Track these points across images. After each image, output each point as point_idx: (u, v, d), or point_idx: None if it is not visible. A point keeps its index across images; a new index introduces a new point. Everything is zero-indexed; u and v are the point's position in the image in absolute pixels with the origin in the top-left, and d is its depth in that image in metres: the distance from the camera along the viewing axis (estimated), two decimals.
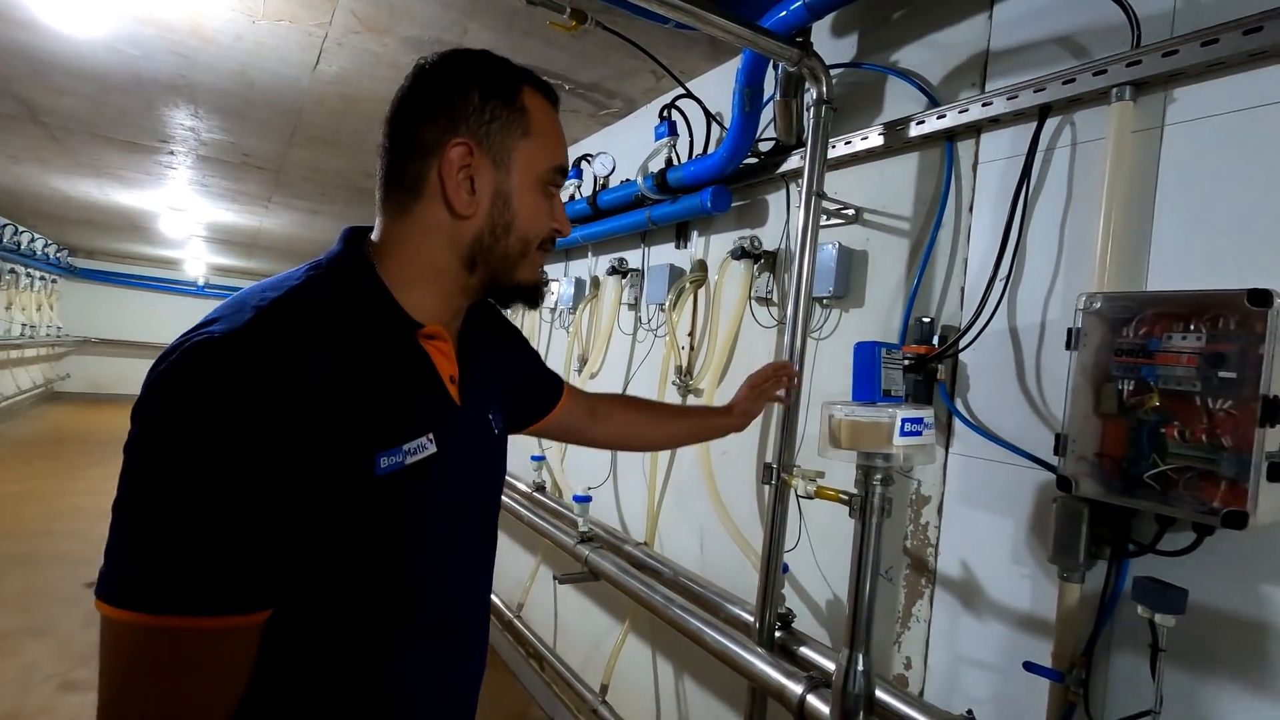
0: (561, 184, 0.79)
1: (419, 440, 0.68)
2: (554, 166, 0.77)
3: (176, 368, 0.56)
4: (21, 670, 2.72)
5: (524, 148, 0.74)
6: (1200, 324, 0.86)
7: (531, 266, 0.78)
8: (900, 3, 1.47)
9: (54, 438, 7.48)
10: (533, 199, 0.75)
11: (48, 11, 2.08)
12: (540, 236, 0.77)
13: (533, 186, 0.75)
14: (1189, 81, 1.00)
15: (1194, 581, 0.92)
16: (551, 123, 0.78)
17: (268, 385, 0.56)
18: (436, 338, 0.74)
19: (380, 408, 0.65)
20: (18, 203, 6.15)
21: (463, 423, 0.76)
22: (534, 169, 0.75)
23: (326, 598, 0.63)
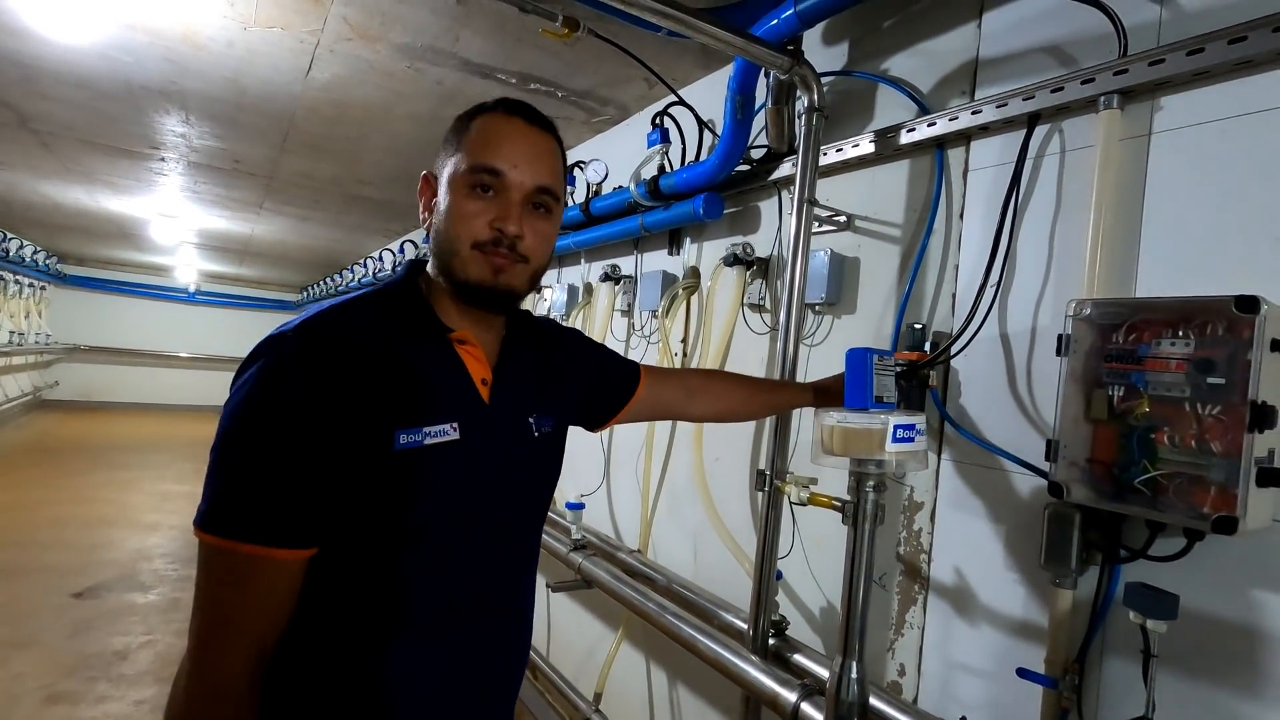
0: (495, 185, 0.80)
1: (441, 426, 0.78)
2: (469, 165, 0.80)
3: (254, 353, 0.74)
4: (7, 682, 2.68)
5: (454, 162, 0.82)
6: (1189, 330, 0.87)
7: (472, 265, 0.80)
8: (890, 11, 1.48)
9: (41, 446, 7.40)
10: (455, 200, 0.80)
11: (39, 19, 2.07)
12: (465, 234, 0.80)
13: (455, 188, 0.81)
14: (1176, 90, 1.01)
15: (1185, 587, 0.92)
16: (486, 129, 0.82)
17: (309, 370, 0.71)
18: (466, 342, 0.84)
19: (404, 393, 0.76)
20: (8, 209, 6.10)
21: (492, 420, 0.84)
22: (456, 175, 0.81)
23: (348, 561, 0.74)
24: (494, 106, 0.84)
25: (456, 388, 0.82)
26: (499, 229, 0.80)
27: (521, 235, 0.81)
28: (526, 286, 0.86)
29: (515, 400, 0.89)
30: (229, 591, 0.71)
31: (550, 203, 0.85)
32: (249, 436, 0.70)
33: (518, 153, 0.81)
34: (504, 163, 0.80)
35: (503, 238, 0.80)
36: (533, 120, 0.84)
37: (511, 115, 0.83)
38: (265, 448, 0.70)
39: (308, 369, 0.72)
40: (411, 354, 0.79)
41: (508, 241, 0.80)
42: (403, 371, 0.78)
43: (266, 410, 0.70)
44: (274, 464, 0.70)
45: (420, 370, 0.79)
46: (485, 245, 0.80)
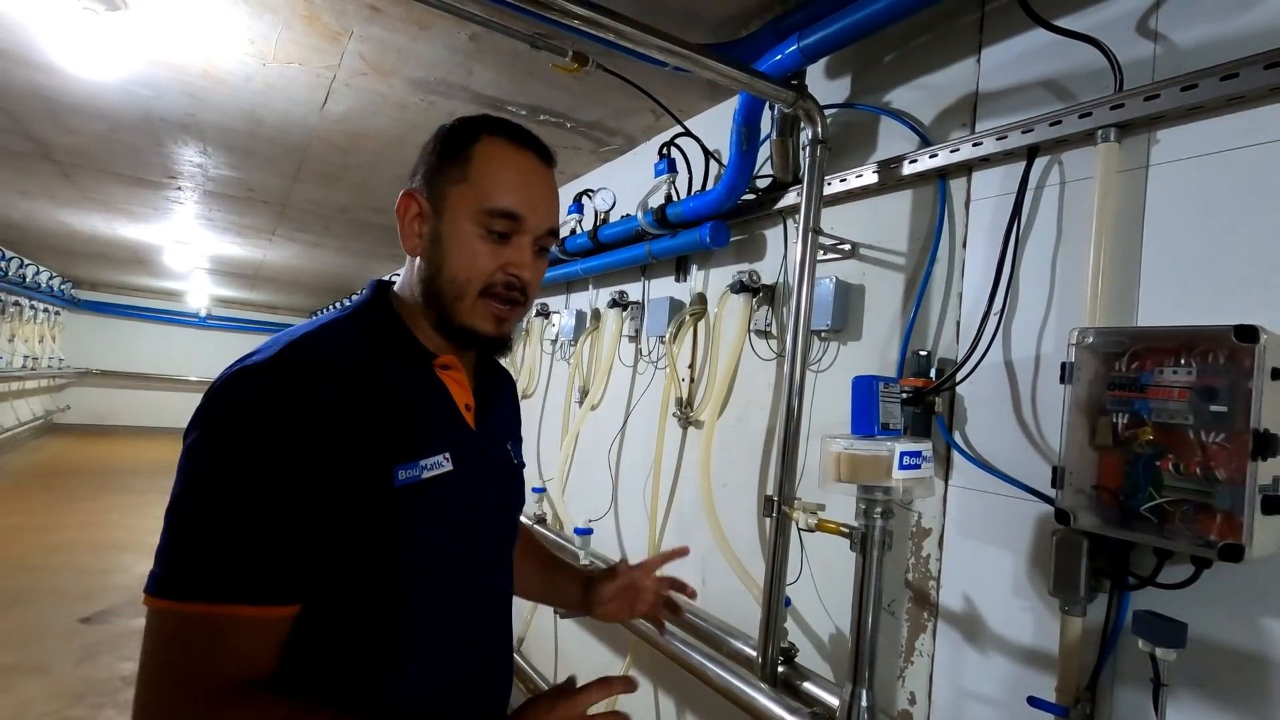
0: (512, 230, 0.77)
1: (435, 458, 0.74)
2: (487, 209, 0.76)
3: (220, 390, 0.67)
4: (15, 707, 2.68)
5: (458, 192, 0.77)
6: (1190, 359, 0.88)
7: (477, 314, 0.77)
8: (891, 47, 1.52)
9: (52, 470, 7.45)
10: (464, 241, 0.76)
11: (68, 56, 2.14)
12: (476, 279, 0.76)
13: (464, 228, 0.76)
14: (1171, 124, 1.03)
15: (1194, 614, 0.92)
16: (499, 167, 0.78)
17: (294, 404, 0.65)
18: (451, 368, 0.81)
19: (398, 426, 0.72)
20: (24, 236, 6.22)
21: (479, 447, 0.81)
22: (465, 210, 0.76)
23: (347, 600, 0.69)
24: (497, 130, 0.80)
25: (445, 415, 0.79)
26: (514, 275, 0.77)
27: (531, 281, 0.79)
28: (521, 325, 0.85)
29: (496, 426, 0.88)
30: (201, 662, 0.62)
31: (551, 243, 0.83)
32: (226, 486, 0.63)
33: (537, 197, 0.79)
34: (525, 208, 0.77)
35: (515, 283, 0.78)
36: (542, 156, 0.82)
37: (522, 149, 0.80)
38: (247, 497, 0.63)
39: (290, 405, 0.65)
40: (398, 382, 0.75)
41: (519, 286, 0.78)
42: (393, 402, 0.73)
43: (245, 454, 0.63)
44: (259, 515, 0.63)
45: (409, 399, 0.75)
46: (494, 290, 0.77)
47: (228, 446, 0.64)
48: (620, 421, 2.42)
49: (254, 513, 0.63)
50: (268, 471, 0.63)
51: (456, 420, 0.80)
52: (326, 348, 0.72)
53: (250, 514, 0.63)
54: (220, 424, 0.65)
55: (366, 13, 1.74)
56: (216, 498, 0.63)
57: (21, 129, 2.93)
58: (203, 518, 0.63)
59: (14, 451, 8.20)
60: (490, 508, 0.83)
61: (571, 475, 2.71)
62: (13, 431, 8.21)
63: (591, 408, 2.59)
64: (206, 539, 0.62)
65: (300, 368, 0.68)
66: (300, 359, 0.69)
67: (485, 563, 0.83)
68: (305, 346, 0.71)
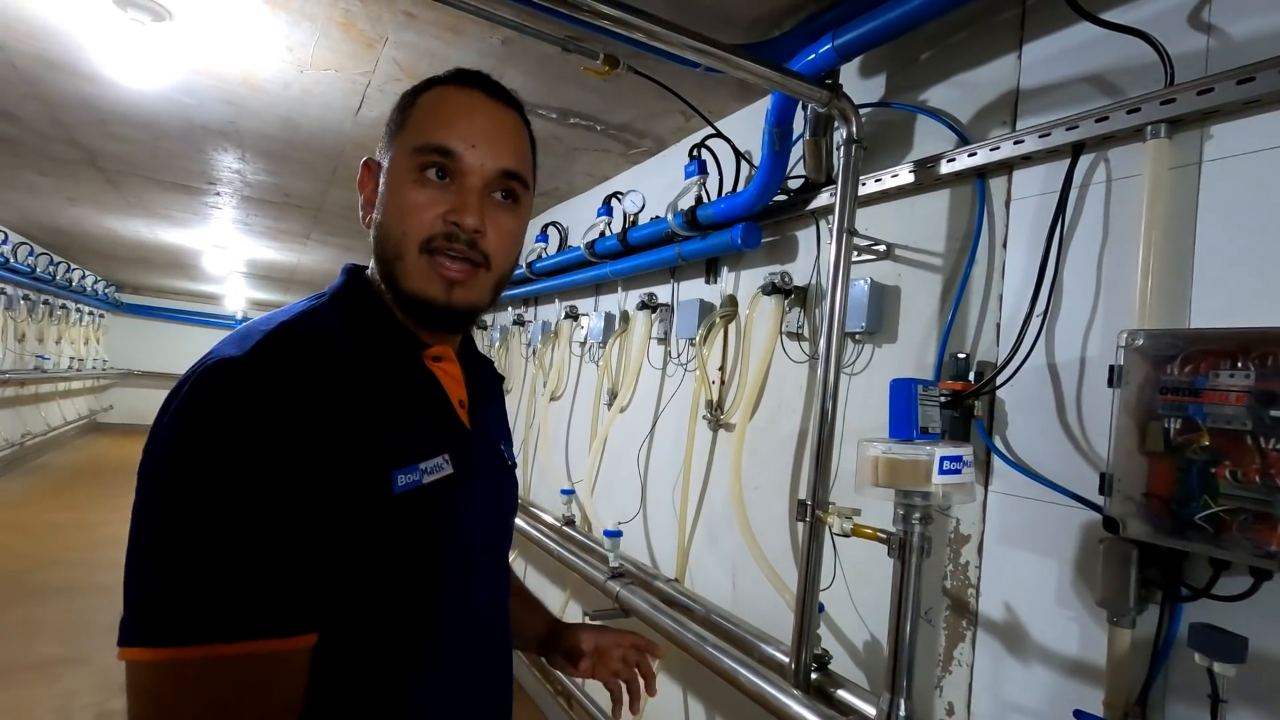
0: (450, 167, 0.67)
1: (435, 460, 0.67)
2: (416, 145, 0.66)
3: (195, 392, 0.56)
4: (61, 698, 2.76)
5: (399, 140, 0.69)
6: (1248, 362, 0.85)
7: (420, 275, 0.66)
8: (928, 44, 1.50)
9: (96, 468, 7.69)
10: (398, 189, 0.66)
11: (113, 66, 2.21)
12: (412, 231, 0.66)
13: (402, 176, 0.67)
14: (1226, 119, 1.00)
15: (1254, 628, 0.89)
16: (436, 106, 0.68)
17: (279, 404, 0.56)
18: (443, 359, 0.73)
19: (393, 427, 0.64)
20: (72, 241, 6.44)
21: (475, 447, 0.75)
22: (400, 159, 0.67)
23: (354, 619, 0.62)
24: (446, 79, 0.71)
25: (441, 413, 0.72)
26: (454, 222, 0.66)
27: (481, 230, 0.67)
28: (489, 298, 0.72)
29: (489, 425, 0.81)
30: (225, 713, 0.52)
31: (518, 190, 0.71)
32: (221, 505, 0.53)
33: (476, 129, 0.67)
34: (459, 141, 0.66)
35: (459, 232, 0.66)
36: (494, 93, 0.71)
37: (468, 86, 0.70)
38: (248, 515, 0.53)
39: (278, 404, 0.56)
40: (388, 376, 0.67)
41: (465, 237, 0.66)
42: (386, 398, 0.65)
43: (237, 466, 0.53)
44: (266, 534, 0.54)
45: (402, 395, 0.67)
46: (435, 242, 0.66)
47: (214, 458, 0.53)
48: (649, 424, 2.42)
49: (260, 532, 0.53)
50: (265, 483, 0.54)
51: (452, 418, 0.73)
52: (309, 338, 0.63)
53: (256, 533, 0.53)
54: (201, 432, 0.54)
55: (401, 19, 1.77)
56: (212, 520, 0.52)
57: (70, 137, 3.03)
58: (199, 544, 0.52)
59: (59, 450, 8.49)
60: (491, 513, 0.78)
61: (600, 477, 2.71)
62: (59, 430, 8.49)
63: (620, 410, 2.59)
64: (209, 568, 0.52)
65: (284, 361, 0.59)
66: (282, 351, 0.59)
67: (488, 570, 0.78)
68: (285, 336, 0.61)
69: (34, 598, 3.75)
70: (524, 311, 3.73)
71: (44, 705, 2.71)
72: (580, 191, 3.20)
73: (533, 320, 3.57)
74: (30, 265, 6.31)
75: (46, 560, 4.35)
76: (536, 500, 3.20)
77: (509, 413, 1.04)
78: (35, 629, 3.37)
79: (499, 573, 0.83)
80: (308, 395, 0.58)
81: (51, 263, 7.03)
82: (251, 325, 0.63)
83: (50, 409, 8.31)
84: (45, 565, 4.26)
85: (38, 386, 7.74)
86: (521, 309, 3.76)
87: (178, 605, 0.51)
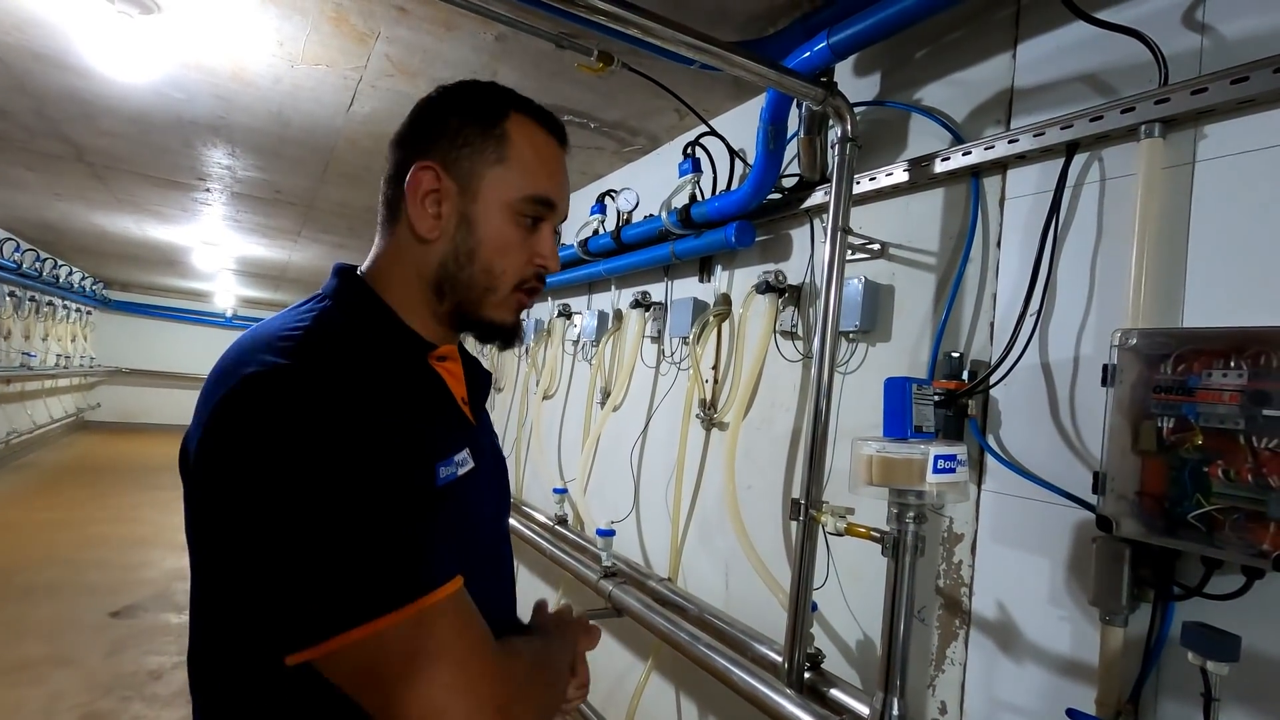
0: (547, 217, 0.75)
1: (461, 454, 0.70)
2: (529, 195, 0.73)
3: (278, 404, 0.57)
4: (48, 699, 2.73)
5: (496, 174, 0.72)
6: (1241, 361, 0.85)
7: (505, 307, 0.74)
8: (923, 43, 1.50)
9: (83, 466, 7.62)
10: (501, 227, 0.72)
11: (101, 59, 2.18)
12: (512, 270, 0.73)
13: (502, 214, 0.72)
14: (1220, 118, 1.00)
15: (1246, 627, 0.89)
16: (537, 152, 0.74)
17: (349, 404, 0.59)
18: (448, 359, 0.77)
19: (426, 423, 0.68)
20: (60, 238, 6.37)
21: (481, 442, 0.78)
22: (505, 196, 0.72)
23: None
24: (523, 108, 0.75)
25: (454, 411, 0.76)
26: (542, 268, 0.75)
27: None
28: None
29: (485, 420, 0.86)
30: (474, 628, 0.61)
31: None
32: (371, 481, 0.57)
33: (565, 186, 0.77)
34: (560, 196, 0.75)
35: (544, 274, 0.75)
36: (563, 140, 0.79)
37: (552, 134, 0.77)
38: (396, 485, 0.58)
39: (360, 401, 0.60)
40: (407, 375, 0.71)
41: (544, 277, 0.76)
42: (416, 396, 0.70)
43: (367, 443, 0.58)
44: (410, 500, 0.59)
45: (425, 393, 0.73)
46: (529, 284, 0.75)
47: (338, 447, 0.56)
48: (642, 423, 2.41)
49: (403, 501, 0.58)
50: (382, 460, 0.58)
51: (461, 415, 0.77)
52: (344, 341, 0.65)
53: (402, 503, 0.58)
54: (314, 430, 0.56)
55: (394, 14, 1.75)
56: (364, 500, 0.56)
57: (57, 131, 3.00)
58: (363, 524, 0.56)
59: (46, 448, 8.40)
60: (496, 503, 0.83)
61: (593, 476, 2.70)
62: (45, 428, 8.40)
63: (613, 409, 2.58)
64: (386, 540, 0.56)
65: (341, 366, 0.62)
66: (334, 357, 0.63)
67: (499, 561, 0.81)
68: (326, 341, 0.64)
69: (20, 597, 3.71)
70: None
71: (30, 706, 2.68)
72: (574, 189, 3.19)
73: (526, 318, 3.56)
74: (16, 261, 6.23)
75: (33, 560, 4.30)
76: (529, 499, 3.18)
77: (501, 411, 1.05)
78: (21, 629, 3.33)
79: (508, 564, 0.85)
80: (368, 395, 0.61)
81: (38, 259, 6.96)
82: (272, 331, 0.64)
83: (36, 407, 8.22)
84: (32, 565, 4.21)
85: (24, 384, 7.65)
86: None
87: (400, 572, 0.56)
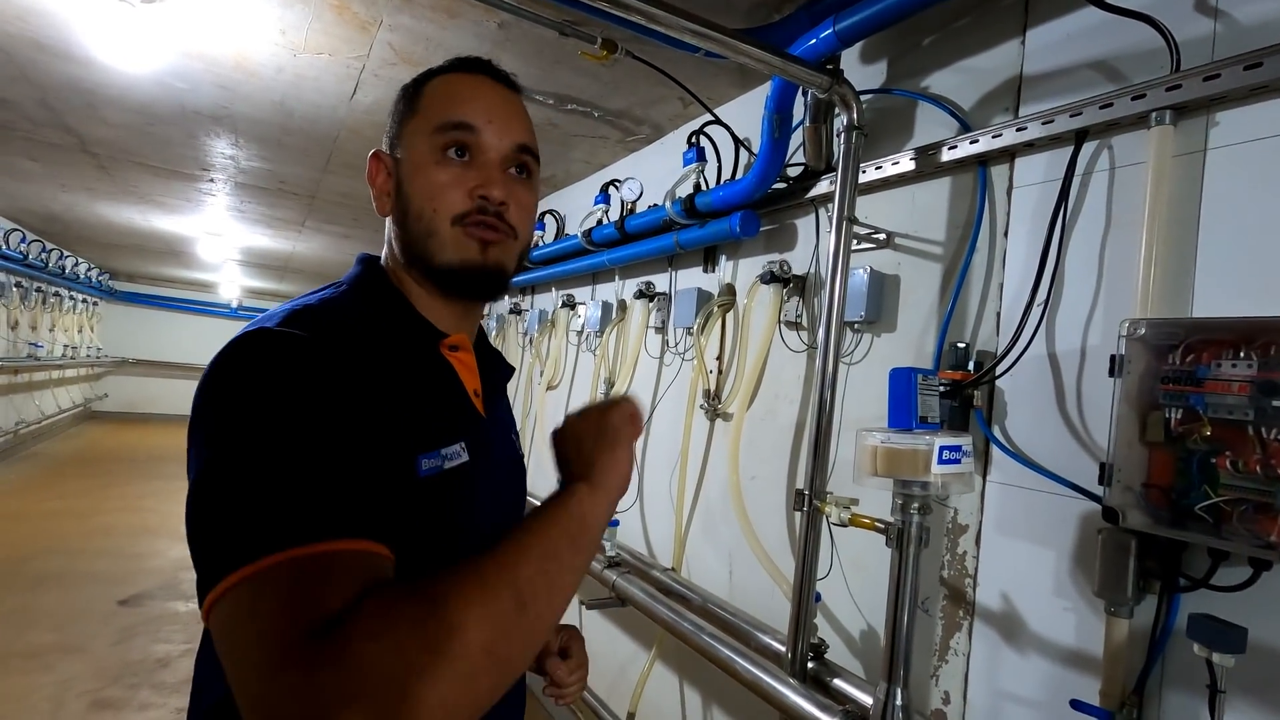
0: (469, 142, 0.70)
1: (454, 447, 0.68)
2: (437, 125, 0.70)
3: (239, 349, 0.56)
4: (57, 686, 2.76)
5: (412, 126, 0.72)
6: (1251, 351, 0.84)
7: (452, 246, 0.69)
8: (930, 30, 1.48)
9: (90, 456, 7.67)
10: (425, 170, 0.70)
11: (104, 48, 2.17)
12: (445, 207, 0.69)
13: (422, 159, 0.70)
14: (1232, 105, 0.98)
15: (1252, 619, 0.88)
16: (448, 88, 0.72)
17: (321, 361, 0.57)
18: (460, 349, 0.75)
19: (415, 411, 0.66)
20: (65, 229, 6.38)
21: (490, 437, 0.76)
22: (419, 140, 0.70)
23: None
24: (449, 67, 0.75)
25: (458, 401, 0.73)
26: (482, 196, 0.69)
27: (507, 202, 0.70)
28: (515, 266, 0.75)
29: (501, 415, 0.82)
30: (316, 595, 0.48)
31: (531, 164, 0.75)
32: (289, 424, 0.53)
33: (491, 108, 0.71)
34: (478, 118, 0.70)
35: (488, 205, 0.69)
36: (498, 77, 0.75)
37: (474, 72, 0.74)
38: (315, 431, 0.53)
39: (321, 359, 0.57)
40: (408, 362, 0.69)
41: (493, 209, 0.69)
42: (410, 383, 0.67)
43: (295, 393, 0.54)
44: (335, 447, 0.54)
45: (423, 381, 0.70)
46: (469, 217, 0.69)
47: (273, 389, 0.54)
48: (646, 413, 2.41)
49: (328, 445, 0.54)
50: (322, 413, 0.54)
51: (468, 407, 0.74)
52: (336, 318, 0.64)
53: (325, 446, 0.53)
54: (254, 372, 0.55)
55: (396, 1, 1.74)
56: (283, 437, 0.52)
57: (61, 122, 2.99)
58: (273, 461, 0.51)
59: (54, 438, 8.46)
60: (505, 503, 0.79)
61: None
62: (53, 419, 8.45)
63: None
64: (286, 479, 0.51)
65: (321, 328, 0.60)
66: (317, 321, 0.61)
67: None
68: (314, 313, 0.63)
69: (29, 586, 3.74)
70: (521, 300, 3.71)
71: (39, 694, 2.70)
72: (577, 179, 3.17)
73: (529, 309, 3.55)
74: (22, 252, 6.25)
75: (42, 549, 4.34)
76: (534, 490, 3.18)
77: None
78: (31, 617, 3.36)
79: None
80: (346, 364, 0.59)
81: (44, 250, 6.97)
82: (273, 310, 0.65)
83: (44, 397, 8.26)
84: (40, 554, 4.25)
85: (31, 375, 7.69)
86: (518, 298, 3.74)
87: (271, 518, 0.49)
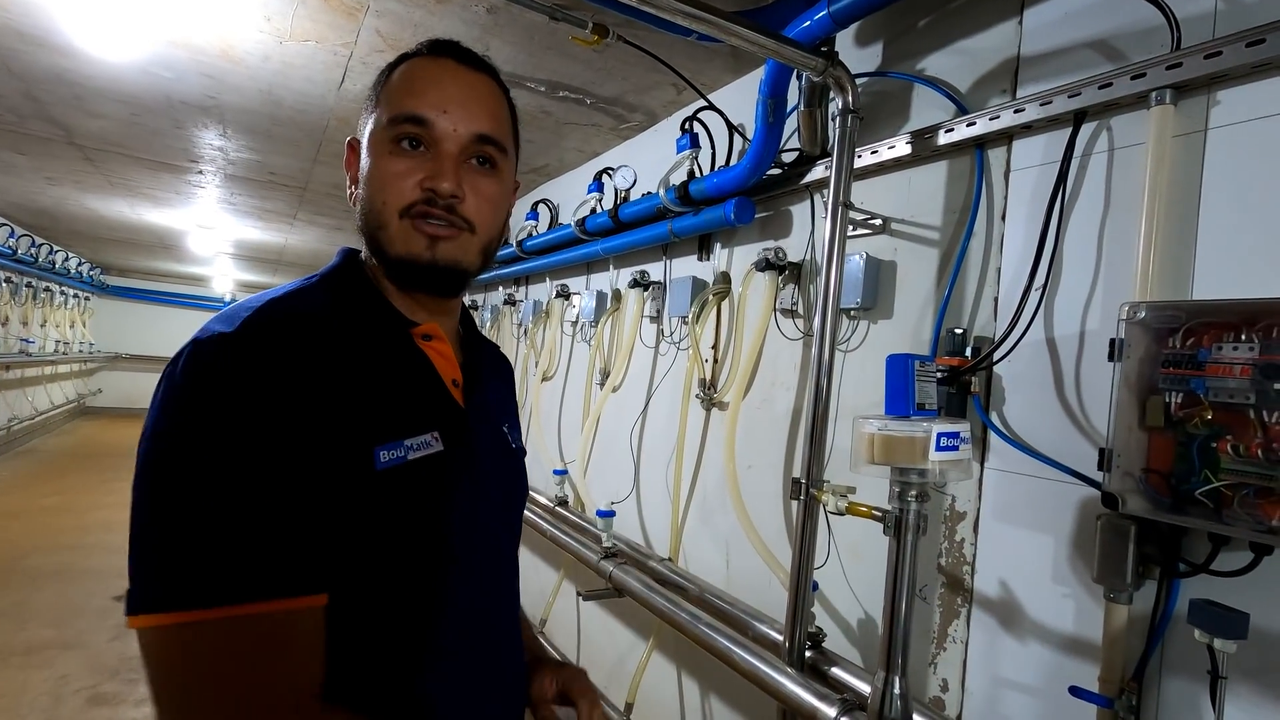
0: (420, 135, 0.69)
1: (423, 437, 0.67)
2: (388, 119, 0.68)
3: (186, 366, 0.58)
4: (55, 682, 2.75)
5: (372, 120, 0.71)
6: (1253, 334, 0.83)
7: (400, 239, 0.68)
8: (926, 10, 1.45)
9: (86, 452, 7.63)
10: (377, 163, 0.69)
11: (85, 37, 2.13)
12: (393, 199, 0.68)
13: (377, 150, 0.69)
14: (1233, 83, 0.97)
15: (1253, 604, 0.88)
16: (405, 78, 0.71)
17: (269, 376, 0.58)
18: (434, 338, 0.74)
19: (377, 401, 0.65)
20: (55, 223, 6.32)
21: (471, 427, 0.74)
22: (379, 129, 0.69)
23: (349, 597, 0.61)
24: (417, 51, 0.73)
25: (430, 391, 0.72)
26: (430, 189, 0.67)
27: (459, 195, 0.68)
28: (476, 262, 0.72)
29: (488, 406, 0.80)
30: (260, 674, 0.54)
31: (495, 155, 0.72)
32: (213, 465, 0.55)
33: (447, 97, 0.69)
34: (430, 109, 0.68)
35: (436, 198, 0.67)
36: (465, 60, 0.72)
37: (438, 56, 0.72)
38: (249, 479, 0.55)
39: (266, 376, 0.58)
40: (375, 352, 0.68)
41: (443, 203, 0.68)
42: (371, 374, 0.66)
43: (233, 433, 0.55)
44: (269, 496, 0.55)
45: (389, 371, 0.68)
46: (415, 209, 0.68)
47: (213, 426, 0.55)
48: (642, 403, 2.40)
49: (261, 495, 0.55)
50: (262, 448, 0.56)
51: (443, 397, 0.72)
52: (294, 314, 0.64)
53: (257, 497, 0.55)
54: (198, 402, 0.56)
55: None
56: (215, 484, 0.54)
57: (46, 114, 2.95)
58: (203, 510, 0.54)
59: (48, 434, 8.42)
60: (491, 495, 0.76)
61: (593, 457, 2.69)
62: (47, 414, 8.41)
63: (613, 390, 2.57)
64: (216, 532, 0.53)
65: (271, 336, 0.61)
66: (269, 326, 0.61)
67: (490, 555, 0.75)
68: (272, 312, 0.63)
69: (25, 582, 3.73)
70: (515, 291, 3.69)
71: (36, 689, 2.70)
72: (571, 168, 3.14)
73: (524, 299, 3.53)
74: (11, 247, 6.19)
75: (37, 545, 4.32)
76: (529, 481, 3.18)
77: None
78: (27, 613, 3.35)
79: (502, 562, 0.79)
80: (294, 368, 0.60)
81: (33, 245, 6.90)
82: (241, 304, 0.65)
83: (37, 393, 8.22)
84: (36, 550, 4.23)
85: (23, 370, 7.64)
86: (512, 288, 3.72)
87: (187, 570, 0.53)
